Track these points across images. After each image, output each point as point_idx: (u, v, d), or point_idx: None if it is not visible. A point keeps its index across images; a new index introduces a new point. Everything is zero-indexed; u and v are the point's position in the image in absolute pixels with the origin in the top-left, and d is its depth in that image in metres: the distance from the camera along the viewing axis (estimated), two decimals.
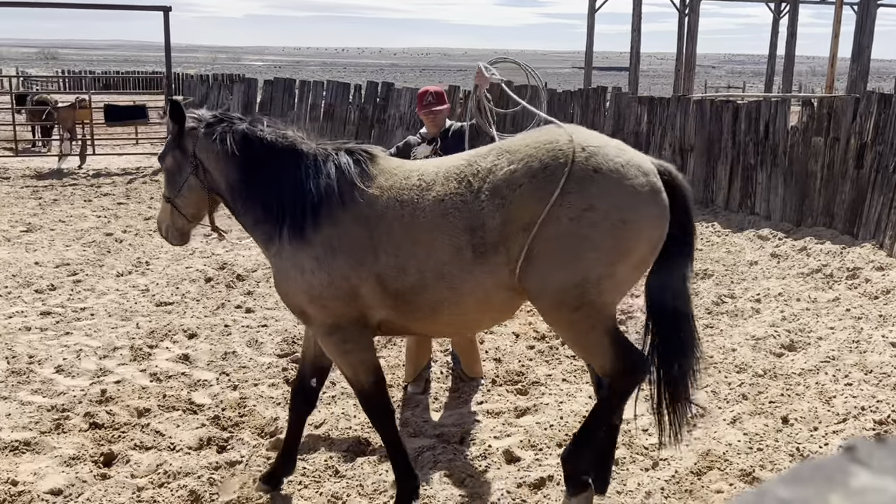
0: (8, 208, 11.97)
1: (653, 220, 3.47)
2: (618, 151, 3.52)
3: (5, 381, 5.59)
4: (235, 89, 17.11)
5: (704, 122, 12.08)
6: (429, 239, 3.53)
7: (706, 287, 8.00)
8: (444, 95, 5.63)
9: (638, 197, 3.43)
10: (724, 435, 4.75)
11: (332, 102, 16.75)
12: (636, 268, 3.56)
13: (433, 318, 3.69)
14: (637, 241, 3.45)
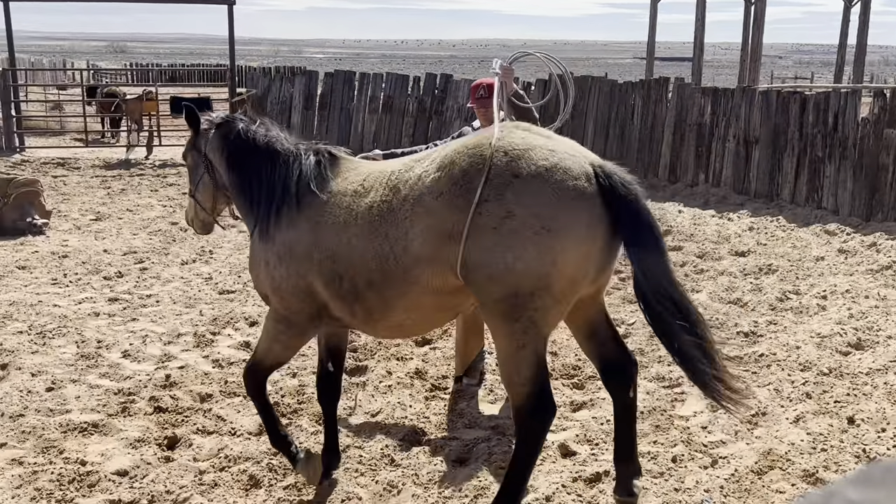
0: (78, 197, 12.37)
1: (580, 227, 3.26)
2: (546, 154, 3.31)
3: (75, 365, 5.78)
4: (297, 81, 17.32)
5: (770, 113, 11.79)
6: (359, 246, 3.56)
7: (770, 283, 7.81)
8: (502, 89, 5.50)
9: (560, 203, 3.23)
10: (786, 434, 4.64)
11: (391, 94, 16.83)
12: (575, 281, 3.33)
13: (372, 323, 3.74)
14: (564, 250, 3.24)
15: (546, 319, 3.37)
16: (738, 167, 12.28)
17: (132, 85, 26.78)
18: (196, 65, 48.97)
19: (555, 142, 3.45)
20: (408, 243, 3.43)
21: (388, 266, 3.49)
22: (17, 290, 7.58)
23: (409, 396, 5.35)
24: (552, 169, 3.27)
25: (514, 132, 3.47)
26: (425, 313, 3.68)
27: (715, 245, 9.41)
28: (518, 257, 3.23)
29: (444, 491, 4.11)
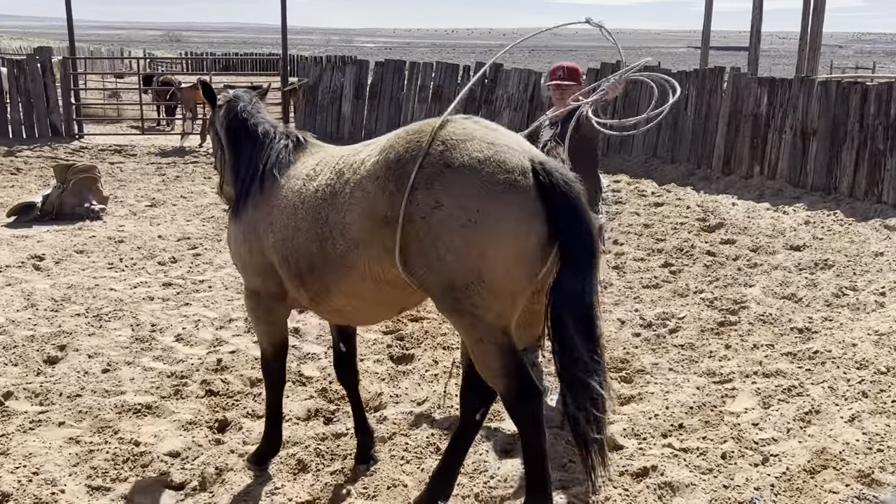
0: (134, 184, 12.65)
1: (510, 221, 3.11)
2: (482, 146, 3.21)
3: (130, 348, 5.92)
4: (347, 71, 17.40)
5: (829, 104, 11.47)
6: (303, 229, 3.59)
7: (826, 278, 7.62)
8: (577, 72, 5.35)
9: (489, 196, 3.11)
10: (840, 433, 4.53)
11: (441, 84, 16.82)
12: (510, 277, 3.18)
13: (315, 306, 3.79)
14: (493, 244, 3.12)
15: (490, 314, 3.24)
16: (794, 159, 11.99)
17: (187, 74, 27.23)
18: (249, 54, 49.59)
19: (497, 134, 3.33)
20: (345, 227, 3.41)
21: (327, 250, 3.50)
22: (76, 273, 7.79)
23: (456, 385, 5.35)
24: (485, 161, 3.17)
25: (457, 121, 3.38)
26: (366, 302, 3.62)
27: (769, 239, 9.21)
28: (448, 249, 3.15)
29: (489, 481, 4.11)
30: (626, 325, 6.55)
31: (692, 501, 3.91)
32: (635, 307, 6.97)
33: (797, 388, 5.17)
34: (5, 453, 4.32)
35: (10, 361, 5.57)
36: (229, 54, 50.30)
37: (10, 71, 16.68)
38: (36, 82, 16.54)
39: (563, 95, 5.30)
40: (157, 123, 20.30)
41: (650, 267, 8.22)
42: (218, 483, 4.12)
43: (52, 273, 7.78)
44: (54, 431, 4.59)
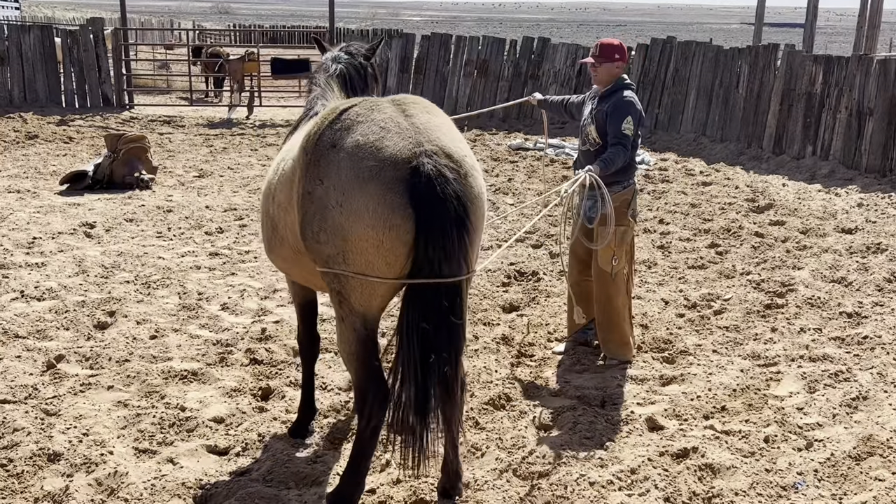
0: (183, 154, 12.83)
1: (370, 209, 3.13)
2: (369, 131, 3.23)
3: (177, 315, 6.04)
4: (394, 44, 17.35)
5: (888, 83, 11.12)
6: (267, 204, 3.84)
7: (878, 262, 7.43)
8: (611, 50, 5.24)
9: (356, 181, 3.15)
10: (889, 420, 4.44)
11: (487, 58, 16.68)
12: (372, 263, 3.20)
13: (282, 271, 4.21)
14: (354, 229, 3.16)
15: (353, 296, 3.29)
16: (848, 140, 11.67)
17: (235, 46, 27.46)
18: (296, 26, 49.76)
19: (398, 120, 3.29)
20: (279, 201, 3.64)
21: (273, 223, 3.76)
22: (125, 241, 7.95)
23: (496, 362, 5.36)
24: (362, 146, 3.20)
25: (367, 102, 3.43)
26: (304, 273, 3.77)
27: (820, 221, 9.01)
28: (321, 228, 3.24)
29: (527, 457, 4.12)
30: (670, 306, 6.48)
31: (733, 484, 3.87)
32: (680, 287, 6.88)
33: (844, 374, 5.07)
34: (57, 414, 4.45)
35: (63, 326, 5.72)
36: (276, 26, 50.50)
37: (64, 41, 16.99)
38: (88, 52, 16.82)
39: (596, 73, 5.31)
40: (206, 95, 20.52)
41: (696, 247, 8.10)
42: (261, 450, 4.19)
43: (102, 240, 7.95)
44: (103, 395, 4.72)
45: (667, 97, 14.95)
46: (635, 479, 3.93)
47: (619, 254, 5.24)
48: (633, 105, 5.16)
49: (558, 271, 7.37)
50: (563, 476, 3.90)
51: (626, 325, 5.40)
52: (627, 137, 5.09)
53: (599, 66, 5.25)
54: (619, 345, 5.38)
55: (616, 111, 5.12)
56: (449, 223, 3.16)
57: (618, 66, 5.26)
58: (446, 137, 3.33)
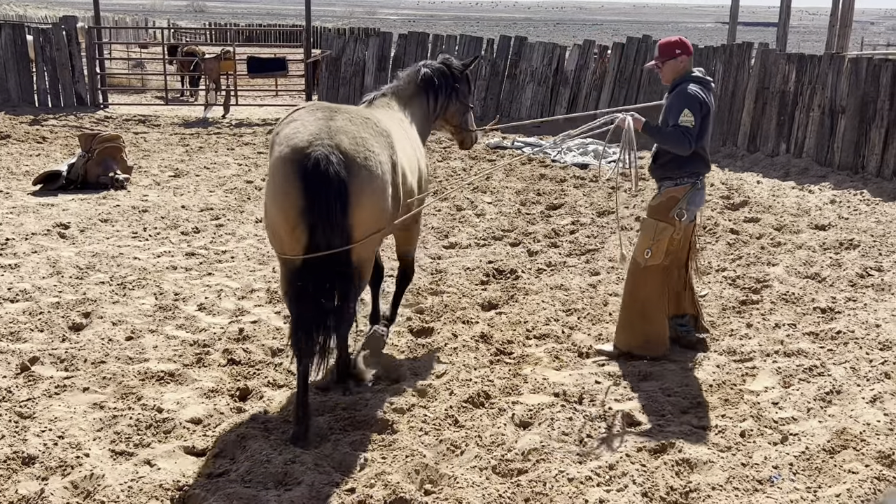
0: (158, 154, 12.72)
1: (277, 187, 4.15)
2: (295, 127, 4.24)
3: (153, 316, 5.99)
4: (371, 43, 17.31)
5: (859, 82, 11.27)
6: None
7: (851, 258, 7.54)
8: (669, 47, 5.23)
9: (275, 165, 4.19)
10: (861, 413, 4.51)
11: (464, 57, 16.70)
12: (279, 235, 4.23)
13: None
14: (272, 202, 4.21)
15: (280, 260, 4.42)
16: (821, 138, 11.82)
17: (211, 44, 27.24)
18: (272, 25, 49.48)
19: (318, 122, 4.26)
20: None
21: None
22: (100, 242, 7.87)
23: (475, 360, 5.38)
24: (286, 136, 4.21)
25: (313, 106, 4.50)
26: None
27: (794, 218, 9.11)
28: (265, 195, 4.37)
29: (506, 454, 4.14)
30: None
31: (710, 478, 3.91)
32: None
33: (819, 368, 5.14)
34: (32, 417, 4.40)
35: (36, 327, 5.66)
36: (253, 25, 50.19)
37: (36, 40, 16.76)
38: (62, 51, 16.62)
39: (661, 72, 5.33)
40: (181, 94, 20.36)
41: None
42: (239, 450, 4.17)
43: (76, 241, 7.87)
44: (79, 397, 4.67)
45: (643, 95, 15.04)
46: (613, 475, 3.95)
47: (654, 248, 5.21)
48: (693, 98, 5.04)
49: (537, 269, 7.40)
50: (541, 473, 3.92)
51: (647, 323, 5.34)
52: (688, 129, 4.99)
53: (663, 66, 5.27)
54: (632, 338, 5.36)
55: (675, 103, 5.09)
56: (328, 195, 4.02)
57: (681, 60, 5.21)
58: (347, 136, 4.22)
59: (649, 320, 5.34)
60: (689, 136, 5.00)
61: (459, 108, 5.89)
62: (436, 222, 8.86)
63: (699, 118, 5.03)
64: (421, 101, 5.58)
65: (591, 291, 6.79)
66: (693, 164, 5.17)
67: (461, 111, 5.93)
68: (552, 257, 7.75)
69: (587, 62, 15.82)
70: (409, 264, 5.74)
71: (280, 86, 21.08)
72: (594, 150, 12.56)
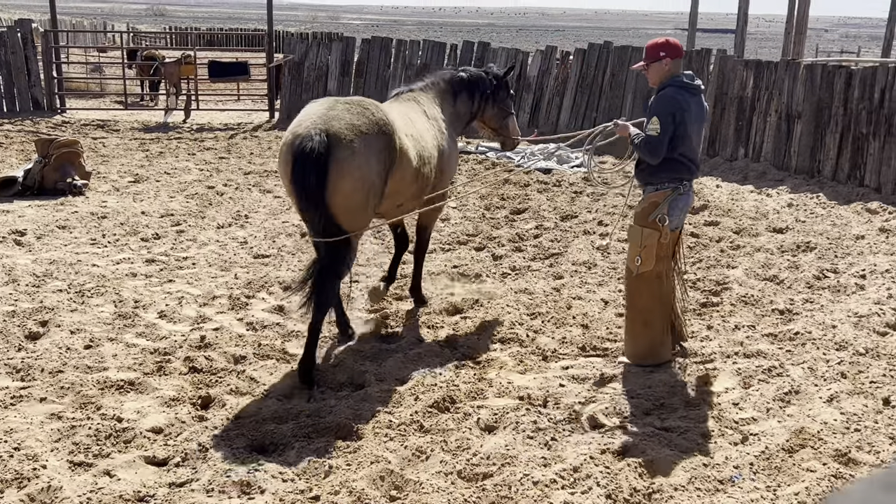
0: (117, 159, 12.52)
1: (280, 165, 5.08)
2: (301, 115, 5.04)
3: (113, 324, 5.89)
4: (334, 48, 17.23)
5: (814, 87, 11.51)
6: None
7: (807, 260, 7.69)
8: (654, 49, 5.23)
9: (280, 147, 5.03)
10: (819, 413, 4.59)
11: (428, 62, 16.71)
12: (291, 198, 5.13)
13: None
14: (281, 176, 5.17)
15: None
16: (779, 142, 12.04)
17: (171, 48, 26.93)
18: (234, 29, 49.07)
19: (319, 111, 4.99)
20: None
21: None
22: (57, 249, 7.72)
23: (440, 364, 5.38)
24: (292, 124, 5.02)
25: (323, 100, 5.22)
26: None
27: (752, 221, 9.27)
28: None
29: (472, 458, 4.14)
30: (610, 306, 6.58)
31: (672, 479, 3.95)
32: (619, 288, 7.00)
33: (777, 369, 5.23)
34: None
35: None
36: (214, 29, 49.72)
37: None
38: (17, 55, 16.30)
39: (647, 74, 5.34)
40: (141, 98, 20.09)
41: None
42: (201, 460, 4.12)
43: (33, 248, 7.71)
44: (36, 407, 4.57)
45: (604, 101, 15.19)
46: (578, 478, 3.98)
47: (644, 255, 5.19)
48: (666, 104, 5.05)
49: (501, 274, 7.43)
50: (507, 476, 3.93)
51: (649, 329, 5.29)
52: (654, 137, 5.01)
53: (649, 67, 5.26)
54: (638, 348, 5.33)
55: (651, 108, 5.13)
56: (308, 168, 4.74)
57: (665, 63, 5.18)
58: (338, 122, 4.90)
59: (651, 327, 5.30)
60: (653, 145, 5.03)
61: (497, 112, 6.54)
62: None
63: (671, 125, 5.02)
64: (451, 101, 6.24)
65: (555, 295, 6.83)
66: (673, 170, 5.16)
67: (499, 115, 6.56)
68: (516, 261, 7.79)
69: (549, 68, 15.93)
70: (425, 238, 6.53)
71: (242, 90, 20.90)
72: (558, 155, 12.64)
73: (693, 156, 5.19)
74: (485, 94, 6.41)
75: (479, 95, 6.38)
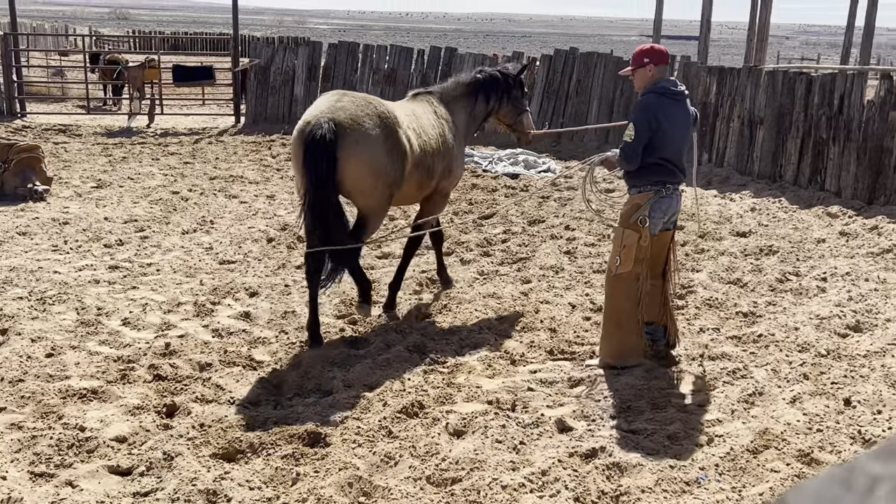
0: (80, 164, 12.33)
1: (292, 151, 5.63)
2: (312, 106, 5.59)
3: (75, 332, 5.80)
4: (300, 52, 17.15)
5: (776, 94, 11.71)
6: None
7: (770, 264, 7.81)
8: (639, 55, 5.33)
9: (293, 135, 5.56)
10: (782, 414, 4.66)
11: (395, 67, 16.71)
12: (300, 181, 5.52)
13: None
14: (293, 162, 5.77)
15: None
16: (741, 147, 12.22)
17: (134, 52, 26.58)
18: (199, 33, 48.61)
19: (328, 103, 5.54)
20: None
21: None
22: (18, 255, 7.58)
23: (408, 370, 5.37)
24: (304, 115, 5.53)
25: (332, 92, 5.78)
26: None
27: (716, 225, 9.39)
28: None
29: (441, 464, 4.13)
30: (577, 310, 6.62)
31: (639, 481, 3.98)
32: (586, 291, 7.05)
33: (742, 371, 5.30)
34: None
35: None
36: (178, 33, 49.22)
37: None
38: None
39: (634, 80, 5.48)
40: (104, 103, 19.81)
41: (601, 252, 8.32)
42: (166, 469, 4.06)
43: None
44: None
45: (570, 106, 15.31)
46: (546, 481, 3.99)
47: (623, 256, 5.24)
48: (641, 110, 5.18)
49: (470, 278, 7.44)
50: (476, 481, 3.93)
51: (620, 330, 5.34)
52: (627, 144, 5.13)
53: (635, 73, 5.36)
54: (610, 347, 5.38)
55: (631, 115, 5.26)
56: (318, 153, 5.26)
57: (649, 69, 5.27)
58: (343, 112, 5.43)
59: (623, 328, 5.34)
60: (626, 152, 5.16)
61: (511, 109, 6.86)
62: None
63: (646, 131, 5.12)
64: (466, 101, 6.65)
65: (524, 299, 6.85)
66: (654, 173, 5.24)
67: (513, 112, 6.89)
68: (484, 266, 7.81)
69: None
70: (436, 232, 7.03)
71: (207, 94, 20.71)
72: (524, 160, 12.70)
73: (675, 160, 5.29)
74: (500, 92, 6.75)
75: (494, 94, 6.73)
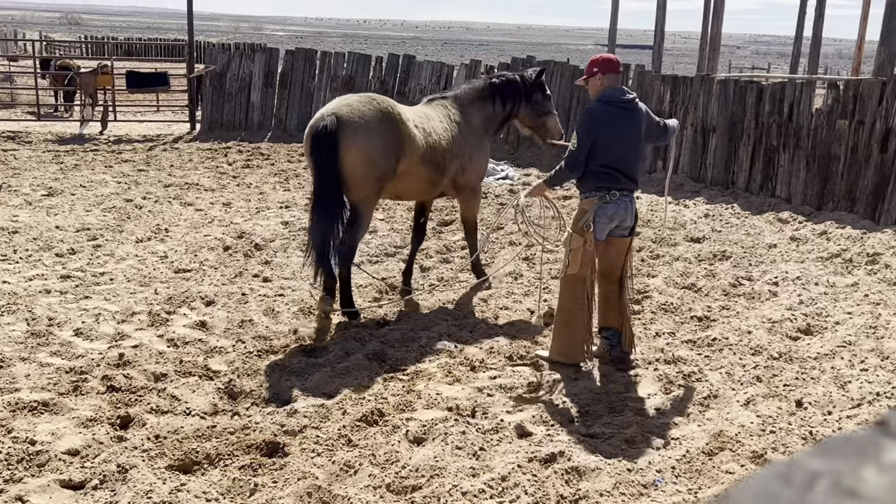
0: (30, 172, 12.06)
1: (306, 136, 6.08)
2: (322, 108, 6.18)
3: (25, 343, 5.66)
4: (257, 59, 17.01)
5: (728, 102, 11.94)
6: None
7: (724, 269, 7.95)
8: (590, 64, 5.47)
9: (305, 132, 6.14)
10: (736, 416, 4.75)
11: (353, 74, 16.67)
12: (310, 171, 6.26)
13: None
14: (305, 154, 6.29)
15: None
16: (695, 155, 12.44)
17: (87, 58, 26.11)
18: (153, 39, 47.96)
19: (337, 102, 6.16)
20: None
21: None
22: None
23: (367, 378, 5.34)
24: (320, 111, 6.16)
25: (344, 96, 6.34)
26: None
27: (671, 231, 9.54)
28: None
29: (401, 471, 4.12)
30: (535, 315, 6.66)
31: (598, 485, 4.02)
32: (544, 297, 7.10)
33: (697, 374, 5.38)
34: None
35: None
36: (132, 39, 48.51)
37: None
38: None
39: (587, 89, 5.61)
40: (55, 109, 19.41)
41: (558, 258, 8.38)
42: (120, 481, 3.98)
43: None
44: None
45: None
46: (506, 486, 4.00)
47: (571, 258, 5.41)
48: (583, 118, 5.42)
49: (428, 285, 7.44)
50: (436, 488, 3.93)
51: (567, 329, 5.45)
52: (570, 152, 5.36)
53: (587, 82, 5.49)
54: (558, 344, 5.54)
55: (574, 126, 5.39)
56: (322, 144, 5.89)
57: (598, 78, 5.39)
58: (347, 108, 6.04)
59: (570, 326, 5.47)
60: (568, 160, 5.36)
61: (530, 112, 7.16)
62: None
63: (587, 139, 5.27)
64: (481, 105, 7.03)
65: (483, 306, 6.88)
66: (597, 179, 5.38)
67: (533, 115, 7.19)
68: (444, 273, 7.82)
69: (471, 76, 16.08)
70: (471, 225, 7.42)
71: (162, 101, 20.42)
72: None
73: (620, 166, 5.38)
74: (517, 96, 7.09)
75: (511, 98, 7.07)
